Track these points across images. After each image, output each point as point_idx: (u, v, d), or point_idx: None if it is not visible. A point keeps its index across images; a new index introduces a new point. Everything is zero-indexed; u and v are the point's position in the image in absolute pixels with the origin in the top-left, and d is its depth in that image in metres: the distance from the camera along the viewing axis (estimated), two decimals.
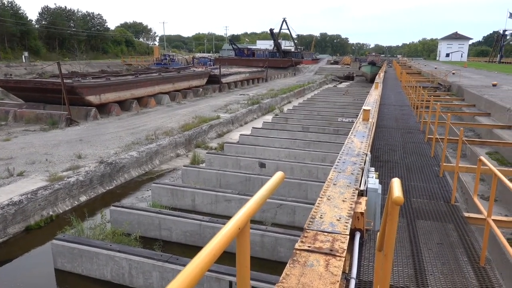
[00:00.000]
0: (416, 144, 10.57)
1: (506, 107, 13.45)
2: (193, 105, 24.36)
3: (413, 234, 5.13)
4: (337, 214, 3.26)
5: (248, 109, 21.69)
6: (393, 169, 8.21)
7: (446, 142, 8.07)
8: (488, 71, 44.94)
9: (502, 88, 21.58)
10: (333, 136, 14.61)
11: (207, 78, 33.31)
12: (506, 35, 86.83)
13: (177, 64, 50.27)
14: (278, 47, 73.31)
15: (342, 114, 19.44)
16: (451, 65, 67.34)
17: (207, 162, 11.79)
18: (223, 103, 24.59)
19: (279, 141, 13.94)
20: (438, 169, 8.08)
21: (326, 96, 28.61)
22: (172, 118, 18.52)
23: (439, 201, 6.39)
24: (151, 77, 25.67)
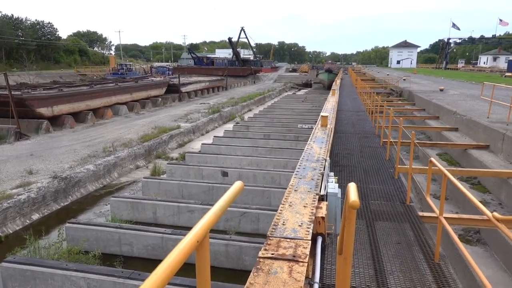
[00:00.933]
0: (372, 148, 10.97)
1: (453, 111, 14.32)
2: (152, 115, 23.86)
3: (372, 235, 5.30)
4: (299, 220, 3.30)
5: (209, 118, 21.58)
6: (352, 173, 8.46)
7: (400, 145, 8.44)
8: (436, 77, 47.71)
9: (449, 92, 22.97)
10: (294, 143, 14.84)
11: (166, 87, 32.80)
12: (450, 43, 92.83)
13: (135, 73, 49.12)
14: (237, 56, 73.78)
15: (301, 120, 19.82)
16: (402, 71, 70.84)
17: (168, 173, 11.56)
18: (184, 112, 24.29)
19: (241, 149, 13.95)
20: (393, 171, 8.42)
21: (286, 103, 29.08)
22: (131, 129, 18.03)
23: (395, 202, 6.65)
24: (108, 87, 24.90)
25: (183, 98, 33.54)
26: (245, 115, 25.86)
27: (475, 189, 8.82)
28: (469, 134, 12.08)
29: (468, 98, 19.36)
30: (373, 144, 11.52)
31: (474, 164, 9.71)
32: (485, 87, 17.40)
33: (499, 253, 6.37)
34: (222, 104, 28.35)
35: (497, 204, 7.84)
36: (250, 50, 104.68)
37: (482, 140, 10.88)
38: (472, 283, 5.50)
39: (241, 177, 10.90)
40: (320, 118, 8.53)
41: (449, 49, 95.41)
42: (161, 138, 15.62)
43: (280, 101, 31.46)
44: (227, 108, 26.02)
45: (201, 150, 14.32)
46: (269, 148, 13.90)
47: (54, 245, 7.06)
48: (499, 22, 79.71)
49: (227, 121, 23.79)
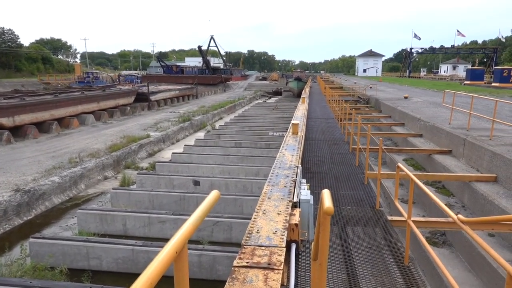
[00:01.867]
0: (342, 155, 11.21)
1: (417, 117, 14.90)
2: (120, 124, 23.34)
3: (345, 241, 5.40)
4: (273, 228, 3.32)
5: (179, 126, 21.35)
6: (323, 179, 8.60)
7: (368, 152, 8.68)
8: (400, 84, 49.49)
9: (413, 100, 23.90)
10: (265, 150, 14.92)
11: (134, 96, 32.23)
12: (412, 53, 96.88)
13: (102, 82, 47.96)
14: (207, 64, 73.68)
15: (272, 128, 19.99)
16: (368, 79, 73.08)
17: (138, 183, 11.31)
18: (153, 121, 23.92)
19: (213, 157, 13.88)
20: (363, 177, 8.64)
21: (257, 111, 29.25)
22: (98, 139, 17.56)
23: (365, 207, 6.82)
24: (73, 96, 24.17)
25: (152, 107, 33.03)
26: (216, 124, 25.78)
27: (440, 192, 9.19)
28: (433, 140, 12.60)
29: (431, 105, 20.21)
30: (343, 150, 11.77)
31: (438, 168, 10.13)
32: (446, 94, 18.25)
33: (464, 253, 6.65)
34: (193, 112, 28.15)
35: (460, 206, 8.20)
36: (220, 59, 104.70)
37: (445, 146, 11.37)
38: (440, 284, 5.70)
39: (213, 186, 10.83)
40: (291, 125, 8.64)
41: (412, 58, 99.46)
42: (130, 148, 15.29)
43: (251, 109, 31.61)
44: (197, 116, 25.86)
45: (172, 159, 14.12)
46: (240, 156, 13.90)
47: (16, 262, 6.72)
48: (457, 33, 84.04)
49: (198, 129, 23.62)
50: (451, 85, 44.05)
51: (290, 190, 4.35)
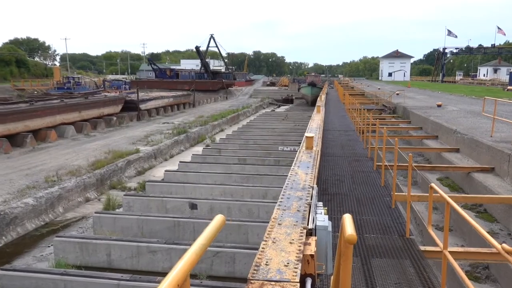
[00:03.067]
0: (365, 173, 11.19)
1: (453, 129, 14.87)
2: (105, 137, 23.55)
3: (369, 275, 5.36)
4: (284, 259, 3.32)
5: (173, 140, 21.50)
6: (343, 202, 8.57)
7: (396, 170, 8.66)
8: (432, 90, 49.55)
9: (447, 108, 23.88)
10: (274, 168, 14.95)
11: (122, 104, 32.58)
12: (446, 53, 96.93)
13: (84, 88, 48.61)
14: (206, 67, 74.53)
15: (282, 142, 20.04)
16: (395, 85, 73.21)
17: (125, 206, 11.35)
18: (143, 133, 24.11)
19: (212, 176, 13.92)
20: (390, 200, 8.60)
21: (264, 122, 29.39)
22: (79, 154, 17.71)
23: (393, 235, 6.77)
24: (51, 104, 24.51)
25: (142, 117, 33.33)
26: (216, 136, 25.91)
27: (482, 218, 9.10)
28: (472, 156, 12.54)
29: (468, 114, 20.17)
30: (365, 168, 11.75)
31: (478, 189, 10.05)
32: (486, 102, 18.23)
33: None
34: (189, 123, 28.35)
35: (506, 234, 8.11)
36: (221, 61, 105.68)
37: (486, 162, 11.31)
38: None
39: (213, 209, 10.84)
40: (304, 139, 8.68)
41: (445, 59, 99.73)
42: (116, 165, 15.39)
43: (257, 119, 31.78)
44: (195, 128, 26.03)
45: (165, 178, 14.18)
46: (245, 174, 13.93)
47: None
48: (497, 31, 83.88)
49: (195, 143, 23.75)
50: (492, 91, 43.97)
51: (304, 215, 4.35)
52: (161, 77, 71.11)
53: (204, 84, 65.52)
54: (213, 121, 29.87)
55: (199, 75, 75.40)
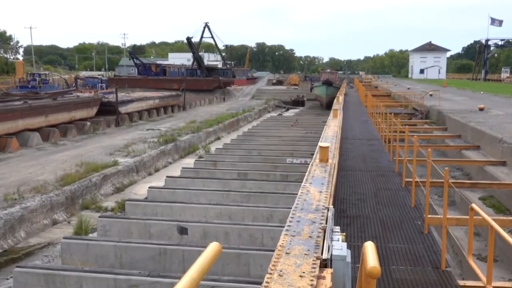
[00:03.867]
0: (391, 191, 11.17)
1: (498, 138, 14.85)
2: (77, 146, 23.62)
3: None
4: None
5: (159, 150, 21.55)
6: (364, 226, 8.55)
7: (429, 187, 8.65)
8: (473, 91, 49.63)
9: (491, 112, 23.89)
10: (281, 185, 14.92)
11: (97, 106, 32.72)
12: (489, 46, 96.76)
13: (53, 87, 48.83)
14: (199, 62, 74.89)
15: (291, 153, 20.03)
16: (428, 84, 73.28)
17: (100, 231, 11.34)
18: (123, 142, 24.18)
19: (206, 194, 13.91)
20: (422, 224, 8.57)
21: (269, 128, 29.42)
22: (46, 167, 17.76)
23: (426, 267, 6.74)
24: (12, 106, 24.62)
25: (122, 122, 33.45)
26: (211, 146, 25.95)
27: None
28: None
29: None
30: (392, 185, 11.74)
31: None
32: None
33: None
34: (179, 130, 28.43)
35: None
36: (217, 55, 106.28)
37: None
38: None
39: (206, 235, 10.81)
40: (318, 149, 8.68)
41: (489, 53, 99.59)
42: (89, 180, 15.41)
43: (261, 125, 31.82)
44: (185, 136, 26.09)
45: (148, 196, 14.18)
46: (246, 192, 13.91)
47: None
48: None
49: (185, 154, 23.78)
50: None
51: (317, 242, 4.35)
52: (145, 74, 71.47)
53: (197, 82, 65.76)
54: (207, 128, 29.94)
55: (191, 71, 75.71)
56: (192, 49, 74.39)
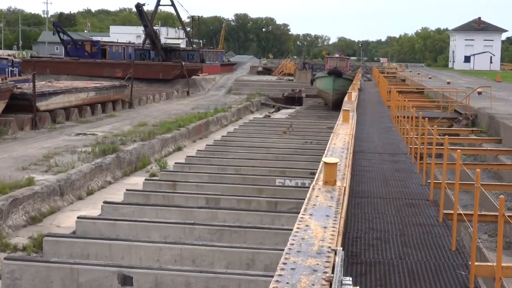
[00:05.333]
0: (424, 227, 11.19)
1: None
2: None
3: None
4: None
5: (94, 164, 21.36)
6: (386, 277, 8.54)
7: (477, 222, 8.68)
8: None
9: None
10: (269, 216, 14.87)
11: (6, 101, 32.33)
12: None
13: None
14: (153, 40, 74.62)
15: (283, 171, 19.99)
16: (475, 77, 74.13)
17: (6, 279, 11.19)
18: (42, 152, 23.93)
19: (160, 228, 13.82)
20: (467, 274, 8.60)
21: (252, 136, 29.35)
22: None
23: None
24: None
25: (42, 123, 33.06)
26: (169, 159, 25.79)
27: None
28: None
29: None
30: (425, 219, 11.76)
31: None
32: None
33: None
34: (123, 136, 28.24)
35: None
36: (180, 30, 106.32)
37: None
38: None
39: (159, 286, 10.74)
40: (322, 167, 8.67)
41: None
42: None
43: (241, 131, 31.74)
44: (132, 144, 25.91)
45: (77, 230, 14.04)
46: (217, 227, 13.85)
47: None
48: None
49: (131, 171, 23.60)
50: None
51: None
52: (75, 56, 70.96)
53: (150, 68, 65.54)
54: (163, 133, 29.77)
55: (141, 53, 75.65)
56: (144, 21, 74.09)
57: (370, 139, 23.17)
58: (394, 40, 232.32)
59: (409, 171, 16.87)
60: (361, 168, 16.82)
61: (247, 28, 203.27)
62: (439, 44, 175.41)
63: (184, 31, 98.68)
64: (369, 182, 15.12)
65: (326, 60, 69.48)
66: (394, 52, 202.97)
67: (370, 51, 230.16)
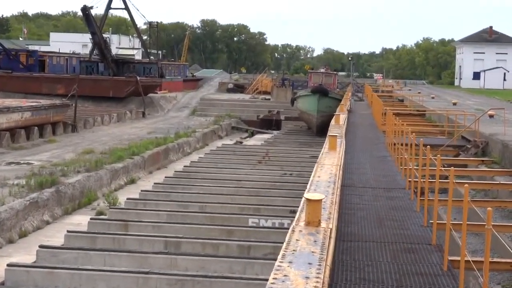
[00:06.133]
0: (426, 276, 11.20)
1: None
2: None
3: None
4: None
5: (28, 199, 21.15)
6: None
7: (488, 270, 8.71)
8: None
9: None
10: (239, 264, 14.85)
11: None
12: None
13: None
14: (102, 50, 74.42)
15: (257, 209, 19.98)
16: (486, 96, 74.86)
17: None
18: None
19: (110, 278, 13.74)
20: None
21: (220, 166, 29.34)
22: None
23: None
24: None
25: None
26: (120, 194, 25.65)
27: None
28: None
29: None
30: (427, 267, 11.78)
31: None
32: None
33: None
34: (65, 165, 28.05)
35: None
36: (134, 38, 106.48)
37: None
38: None
39: None
40: (304, 204, 8.69)
41: None
42: None
43: (207, 160, 31.73)
44: (75, 176, 25.73)
45: (7, 281, 13.90)
46: (178, 276, 13.79)
47: None
48: None
49: (73, 208, 23.40)
50: None
51: None
52: (8, 68, 70.56)
53: (99, 84, 65.30)
54: (113, 163, 29.63)
55: (88, 65, 75.39)
56: (91, 27, 73.93)
57: (362, 170, 23.25)
58: (390, 52, 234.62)
59: (407, 209, 16.91)
60: (351, 205, 16.85)
61: (215, 36, 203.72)
62: (444, 58, 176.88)
63: (139, 40, 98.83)
64: (360, 222, 15.13)
65: (309, 76, 69.65)
66: (390, 67, 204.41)
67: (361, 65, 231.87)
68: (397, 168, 23.87)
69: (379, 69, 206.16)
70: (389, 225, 15.11)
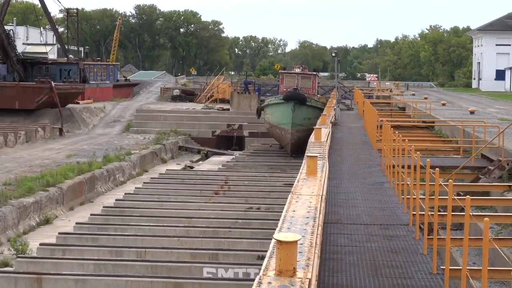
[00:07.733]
0: None
1: None
2: None
3: None
4: None
5: None
6: None
7: None
8: None
9: None
10: None
11: None
12: None
13: None
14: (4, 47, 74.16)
15: (214, 255, 20.03)
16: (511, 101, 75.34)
17: None
18: None
19: None
20: None
21: (164, 199, 29.35)
22: None
23: None
24: None
25: None
26: (30, 239, 25.55)
27: None
28: None
29: None
30: None
31: None
32: None
33: None
34: None
35: None
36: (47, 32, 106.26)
37: None
38: None
39: None
40: (274, 247, 8.78)
41: None
42: None
43: (146, 190, 31.74)
44: None
45: None
46: None
47: None
48: None
49: None
50: None
51: None
52: None
53: (1, 92, 64.95)
54: (22, 196, 29.51)
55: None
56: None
57: (351, 202, 23.30)
58: (387, 45, 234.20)
59: (412, 252, 16.98)
60: (337, 248, 16.88)
61: (155, 27, 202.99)
62: (457, 52, 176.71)
63: (54, 33, 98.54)
64: (349, 270, 15.15)
65: (281, 78, 69.45)
66: (387, 65, 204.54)
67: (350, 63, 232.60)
68: (398, 198, 23.97)
69: (372, 67, 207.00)
70: (388, 273, 15.14)
